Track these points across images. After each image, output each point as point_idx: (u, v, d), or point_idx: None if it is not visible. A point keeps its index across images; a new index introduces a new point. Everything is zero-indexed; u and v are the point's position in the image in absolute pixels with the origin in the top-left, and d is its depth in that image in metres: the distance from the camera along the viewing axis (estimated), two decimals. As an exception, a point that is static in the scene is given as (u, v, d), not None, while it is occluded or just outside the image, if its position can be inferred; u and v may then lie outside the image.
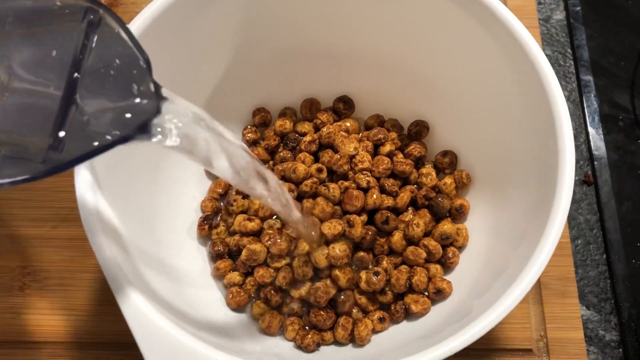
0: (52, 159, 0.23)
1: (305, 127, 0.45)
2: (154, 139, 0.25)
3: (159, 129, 0.24)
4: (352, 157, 0.41)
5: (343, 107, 0.45)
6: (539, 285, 0.43)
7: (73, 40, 0.24)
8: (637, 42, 0.52)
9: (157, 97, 0.24)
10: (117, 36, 0.24)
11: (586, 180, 0.47)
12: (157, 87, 0.24)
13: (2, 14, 0.23)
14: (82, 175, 0.31)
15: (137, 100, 0.24)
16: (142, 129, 0.24)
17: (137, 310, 0.28)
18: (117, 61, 0.24)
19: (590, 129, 0.49)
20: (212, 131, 0.27)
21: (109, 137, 0.23)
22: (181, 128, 0.25)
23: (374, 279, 0.38)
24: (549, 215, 0.31)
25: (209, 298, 0.40)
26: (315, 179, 0.41)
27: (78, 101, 0.23)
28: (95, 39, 0.24)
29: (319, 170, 0.41)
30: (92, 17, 0.24)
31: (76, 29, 0.24)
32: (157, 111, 0.24)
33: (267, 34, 0.41)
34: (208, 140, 0.27)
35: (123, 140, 0.23)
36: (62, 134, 0.23)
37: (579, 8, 0.53)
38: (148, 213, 0.38)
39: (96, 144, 0.23)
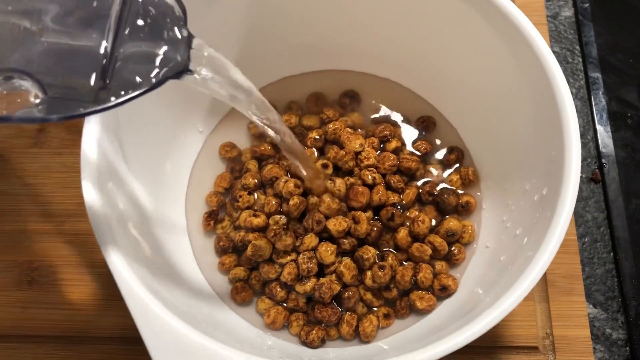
0: (103, 98, 0.25)
1: (312, 120, 0.45)
2: (188, 79, 0.27)
3: (192, 72, 0.27)
4: (358, 153, 0.41)
5: (349, 101, 0.45)
6: (545, 283, 0.43)
7: None
8: (646, 39, 0.52)
9: (189, 44, 0.27)
10: None
11: (594, 177, 0.47)
12: (190, 35, 0.27)
13: None
14: (90, 133, 0.32)
15: (173, 46, 0.26)
16: (178, 70, 0.26)
17: (142, 303, 0.28)
18: (153, 10, 0.26)
19: (598, 127, 0.49)
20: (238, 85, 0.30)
21: (152, 79, 0.26)
22: (211, 72, 0.28)
23: (380, 272, 0.38)
24: (555, 212, 0.31)
25: (213, 292, 0.40)
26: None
27: (120, 47, 0.25)
28: None
29: (325, 166, 0.41)
30: None
31: None
32: (189, 57, 0.27)
33: (273, 28, 0.41)
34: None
35: (162, 81, 0.26)
36: (110, 77, 0.25)
37: (587, 5, 0.53)
38: (154, 203, 0.39)
39: (141, 84, 0.25)
